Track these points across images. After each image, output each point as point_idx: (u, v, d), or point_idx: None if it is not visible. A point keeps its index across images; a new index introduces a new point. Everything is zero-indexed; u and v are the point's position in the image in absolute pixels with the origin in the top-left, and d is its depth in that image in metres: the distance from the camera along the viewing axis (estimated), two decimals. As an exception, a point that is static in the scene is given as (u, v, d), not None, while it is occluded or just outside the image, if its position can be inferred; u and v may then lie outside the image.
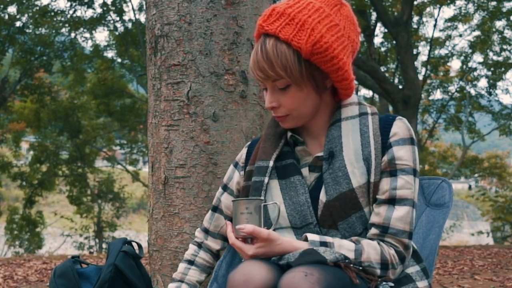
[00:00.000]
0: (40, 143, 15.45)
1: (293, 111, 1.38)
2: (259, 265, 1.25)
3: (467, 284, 4.42)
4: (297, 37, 1.30)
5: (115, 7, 13.62)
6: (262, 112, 2.02)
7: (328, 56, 1.32)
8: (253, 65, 1.36)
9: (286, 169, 1.43)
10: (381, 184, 1.35)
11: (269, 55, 1.32)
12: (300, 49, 1.30)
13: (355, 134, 1.38)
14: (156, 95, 2.01)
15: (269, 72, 1.33)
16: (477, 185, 27.96)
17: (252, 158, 1.50)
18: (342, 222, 1.34)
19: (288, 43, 1.31)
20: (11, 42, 13.62)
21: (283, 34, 1.31)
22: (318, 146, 1.44)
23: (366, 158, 1.35)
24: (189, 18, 1.94)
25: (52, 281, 1.96)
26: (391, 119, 1.39)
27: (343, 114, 1.41)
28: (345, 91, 1.40)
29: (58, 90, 15.90)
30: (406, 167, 1.35)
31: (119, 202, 15.70)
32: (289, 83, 1.34)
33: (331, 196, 1.35)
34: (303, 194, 1.38)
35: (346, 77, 1.36)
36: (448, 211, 1.57)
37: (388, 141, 1.37)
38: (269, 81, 1.35)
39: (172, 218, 1.95)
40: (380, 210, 1.34)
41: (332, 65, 1.33)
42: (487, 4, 13.23)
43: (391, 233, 1.33)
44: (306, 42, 1.30)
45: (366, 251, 1.30)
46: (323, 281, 1.14)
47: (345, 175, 1.35)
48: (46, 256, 7.80)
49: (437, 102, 16.08)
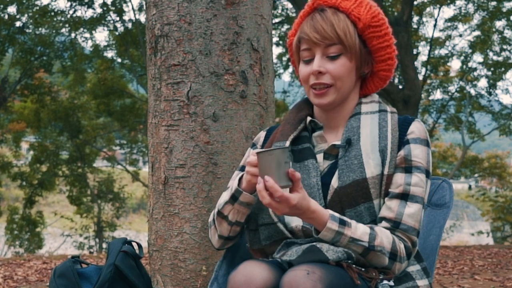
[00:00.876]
0: (40, 143, 15.46)
1: (338, 81, 1.41)
2: (260, 265, 1.25)
3: (467, 284, 4.42)
4: (357, 10, 1.40)
5: (115, 7, 13.62)
6: (262, 112, 2.02)
7: (382, 32, 1.41)
8: (310, 28, 1.40)
9: (301, 153, 1.46)
10: (395, 178, 1.38)
11: (330, 19, 1.39)
12: (359, 20, 1.39)
13: (373, 126, 1.42)
14: (156, 95, 2.01)
15: (328, 34, 1.38)
16: (477, 185, 27.98)
17: (269, 140, 1.53)
18: (350, 210, 1.36)
19: (347, 14, 1.39)
20: (11, 42, 13.63)
21: (343, 5, 1.40)
22: (334, 135, 1.47)
23: (382, 150, 1.38)
24: (189, 18, 1.94)
25: (52, 281, 1.96)
26: (410, 119, 1.44)
27: (363, 108, 1.46)
28: (386, 73, 1.46)
29: (58, 90, 15.90)
30: (420, 165, 1.38)
31: (119, 202, 15.71)
32: (342, 52, 1.39)
33: (344, 182, 1.37)
34: (314, 177, 1.41)
35: (392, 57, 1.44)
36: (448, 211, 1.57)
37: (405, 137, 1.40)
38: (321, 47, 1.39)
39: (172, 218, 1.95)
40: (392, 204, 1.36)
41: (384, 41, 1.42)
42: (487, 4, 13.23)
43: (402, 229, 1.35)
44: (366, 14, 1.40)
45: (379, 237, 1.31)
46: (325, 279, 1.15)
47: (360, 163, 1.37)
48: (46, 256, 7.80)
49: (437, 102, 16.06)
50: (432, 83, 15.96)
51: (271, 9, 2.10)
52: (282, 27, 14.48)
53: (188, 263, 1.92)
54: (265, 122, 2.02)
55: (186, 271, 1.92)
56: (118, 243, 2.04)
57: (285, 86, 15.82)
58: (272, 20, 2.15)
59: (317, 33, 1.38)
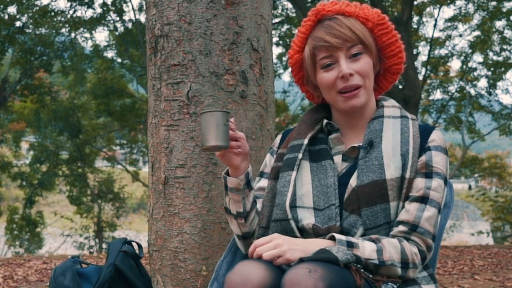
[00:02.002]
0: (40, 143, 15.46)
1: (366, 80, 1.44)
2: (257, 265, 1.25)
3: (467, 284, 4.42)
4: (362, 12, 1.45)
5: (115, 7, 13.61)
6: (262, 112, 2.02)
7: (389, 28, 1.47)
8: (327, 35, 1.43)
9: (319, 153, 1.48)
10: (416, 182, 1.39)
11: (345, 22, 1.43)
12: (367, 20, 1.44)
13: (395, 131, 1.44)
14: (156, 95, 2.01)
15: (348, 36, 1.42)
16: (477, 185, 27.98)
17: (285, 142, 1.56)
18: (366, 209, 1.37)
19: (355, 17, 1.45)
20: (11, 42, 13.61)
21: (348, 10, 1.45)
22: (354, 137, 1.50)
23: (403, 154, 1.40)
24: (189, 18, 1.94)
25: (52, 281, 1.96)
26: (431, 128, 1.47)
27: (386, 112, 1.48)
28: (398, 66, 1.50)
29: (58, 90, 15.90)
30: (440, 171, 1.41)
31: (119, 202, 15.70)
32: (362, 51, 1.43)
33: (362, 181, 1.38)
34: (331, 177, 1.43)
35: (402, 50, 1.49)
36: (449, 212, 1.57)
37: (426, 144, 1.43)
38: (343, 50, 1.43)
39: (172, 218, 1.95)
40: (411, 207, 1.37)
41: (392, 36, 1.47)
42: (487, 4, 13.22)
43: (419, 232, 1.36)
44: (372, 14, 1.45)
45: (387, 250, 1.32)
46: (326, 277, 1.15)
47: (380, 165, 1.39)
48: (46, 256, 7.80)
49: (437, 102, 16.06)
50: (432, 83, 15.95)
51: (271, 9, 2.10)
52: (282, 27, 14.48)
53: (188, 263, 1.92)
54: (265, 122, 2.02)
55: (186, 271, 1.92)
56: (118, 243, 2.04)
57: (285, 86, 15.83)
58: (272, 20, 2.14)
59: (336, 38, 1.41)
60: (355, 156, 1.45)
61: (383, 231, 1.37)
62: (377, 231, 1.37)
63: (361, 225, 1.36)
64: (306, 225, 1.41)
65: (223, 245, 1.91)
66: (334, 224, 1.38)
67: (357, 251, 1.30)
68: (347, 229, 1.37)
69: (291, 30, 14.23)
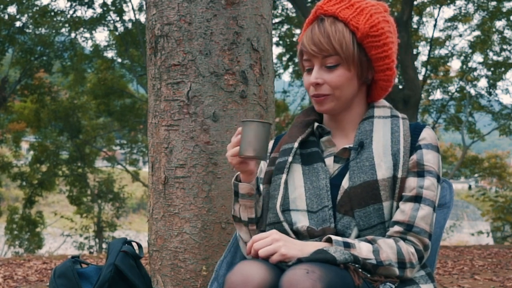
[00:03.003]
0: (40, 143, 15.44)
1: (336, 91, 1.42)
2: (257, 265, 1.25)
3: (467, 284, 4.42)
4: (356, 19, 1.39)
5: (115, 7, 13.60)
6: (262, 112, 2.02)
7: (380, 42, 1.41)
8: (308, 40, 1.42)
9: (310, 156, 1.48)
10: (408, 182, 1.39)
11: (327, 30, 1.39)
12: (357, 29, 1.39)
13: (386, 131, 1.44)
14: (156, 95, 2.01)
15: (324, 46, 1.39)
16: (477, 185, 27.97)
17: (277, 146, 1.55)
18: (359, 210, 1.36)
19: (345, 23, 1.40)
20: (11, 42, 13.61)
21: (342, 15, 1.40)
22: (344, 138, 1.49)
23: (394, 153, 1.40)
24: (189, 18, 1.94)
25: (52, 281, 1.96)
26: (421, 126, 1.46)
27: (376, 112, 1.48)
28: (385, 83, 1.47)
29: (58, 90, 15.89)
30: (432, 170, 1.40)
31: (119, 202, 15.69)
32: (339, 62, 1.40)
33: (354, 183, 1.38)
34: (323, 179, 1.42)
35: (391, 67, 1.45)
36: (449, 211, 1.57)
37: (417, 143, 1.43)
38: (319, 58, 1.41)
39: (172, 218, 1.95)
40: (406, 207, 1.37)
41: (382, 51, 1.41)
42: (487, 4, 13.21)
43: (415, 231, 1.36)
44: (364, 23, 1.39)
45: (384, 251, 1.32)
46: (324, 278, 1.15)
47: (372, 166, 1.38)
48: (46, 256, 7.80)
49: (437, 102, 16.05)
50: (432, 83, 15.95)
51: (271, 9, 2.10)
52: (282, 27, 14.47)
53: (188, 263, 1.92)
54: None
55: (186, 271, 1.92)
56: (118, 243, 2.04)
57: (285, 86, 15.82)
58: (272, 20, 2.14)
59: (314, 45, 1.40)
60: (347, 158, 1.45)
61: (377, 232, 1.37)
62: (371, 231, 1.37)
63: (355, 226, 1.36)
64: (301, 227, 1.41)
65: (223, 245, 1.91)
66: (329, 225, 1.38)
67: (354, 251, 1.30)
68: (342, 230, 1.37)
69: (291, 30, 14.24)
